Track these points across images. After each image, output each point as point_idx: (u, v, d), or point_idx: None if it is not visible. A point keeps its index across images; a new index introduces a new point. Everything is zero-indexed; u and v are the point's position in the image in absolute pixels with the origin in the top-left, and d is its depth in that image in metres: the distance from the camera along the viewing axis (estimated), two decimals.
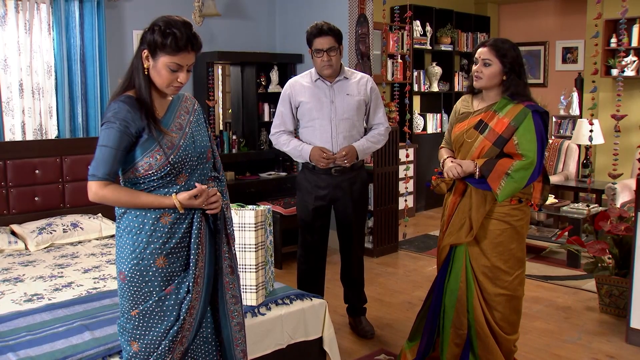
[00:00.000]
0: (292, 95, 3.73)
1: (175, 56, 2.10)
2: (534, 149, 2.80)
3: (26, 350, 2.51)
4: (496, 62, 2.85)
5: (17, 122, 4.71)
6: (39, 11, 4.70)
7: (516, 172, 2.80)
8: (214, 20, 5.81)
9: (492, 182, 2.83)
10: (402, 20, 6.44)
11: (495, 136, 2.86)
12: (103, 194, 2.09)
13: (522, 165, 2.79)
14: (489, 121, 2.89)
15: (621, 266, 4.18)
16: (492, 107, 2.92)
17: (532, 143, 2.80)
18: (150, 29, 2.12)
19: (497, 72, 2.87)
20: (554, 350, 3.69)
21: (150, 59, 2.13)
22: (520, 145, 2.81)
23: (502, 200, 2.85)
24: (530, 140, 2.80)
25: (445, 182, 3.02)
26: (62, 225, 4.37)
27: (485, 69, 2.87)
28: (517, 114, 2.83)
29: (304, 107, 3.69)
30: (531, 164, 2.79)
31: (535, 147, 2.80)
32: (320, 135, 3.65)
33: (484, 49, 2.88)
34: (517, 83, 2.87)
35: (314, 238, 3.82)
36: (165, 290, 2.15)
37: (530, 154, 2.79)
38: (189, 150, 2.19)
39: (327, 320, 3.22)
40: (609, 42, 6.91)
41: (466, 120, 3.01)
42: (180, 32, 2.09)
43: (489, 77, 2.88)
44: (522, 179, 2.80)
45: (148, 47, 2.11)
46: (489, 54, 2.86)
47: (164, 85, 2.16)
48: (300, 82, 3.74)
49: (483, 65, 2.88)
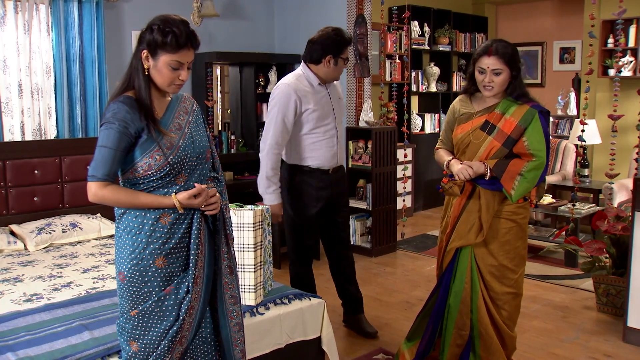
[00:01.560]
0: (298, 102, 3.48)
1: (175, 54, 2.12)
2: (543, 149, 2.83)
3: (25, 350, 2.51)
4: (505, 69, 2.84)
5: (17, 122, 4.72)
6: (38, 12, 4.71)
7: (529, 172, 2.83)
8: (212, 21, 5.83)
9: (505, 183, 2.85)
10: (400, 20, 6.46)
11: (504, 137, 2.87)
12: (103, 195, 2.09)
13: (535, 166, 2.83)
14: (496, 122, 2.89)
15: (618, 265, 4.20)
16: (496, 108, 2.92)
17: (542, 143, 2.84)
18: (149, 29, 2.13)
19: (507, 78, 2.87)
20: (552, 350, 3.71)
21: (151, 58, 2.13)
22: (531, 145, 2.84)
23: (516, 200, 2.88)
24: (539, 140, 2.84)
25: (457, 185, 3.01)
26: (61, 225, 4.37)
27: (497, 78, 2.85)
28: (524, 115, 2.85)
29: (310, 114, 3.52)
30: (542, 164, 2.83)
31: (544, 146, 2.84)
32: (326, 142, 3.60)
33: (490, 60, 2.83)
34: (521, 84, 2.90)
35: (312, 240, 3.85)
36: (165, 291, 2.15)
37: (541, 154, 2.83)
38: (188, 151, 2.19)
39: (326, 319, 3.23)
40: (606, 43, 6.93)
41: (469, 121, 2.99)
42: (179, 29, 2.10)
43: (500, 85, 2.88)
44: (534, 178, 2.84)
45: (148, 47, 2.12)
46: (499, 64, 2.83)
47: (166, 84, 2.16)
48: (302, 88, 3.52)
49: (494, 75, 2.85)
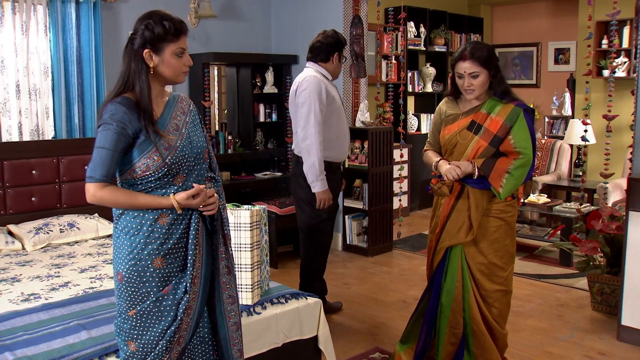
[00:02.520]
0: (326, 91, 3.85)
1: (178, 41, 2.16)
2: (529, 146, 2.88)
3: (23, 350, 2.52)
4: (483, 71, 2.88)
5: (14, 122, 4.73)
6: (35, 13, 4.72)
7: (516, 169, 2.87)
8: (209, 22, 5.84)
9: (493, 181, 2.89)
10: (396, 21, 6.49)
11: (490, 136, 2.91)
12: (101, 196, 2.09)
13: (521, 163, 2.87)
14: (482, 122, 2.93)
15: (612, 264, 4.23)
16: (482, 108, 2.96)
17: (527, 140, 2.88)
18: (145, 28, 2.13)
19: (486, 79, 2.91)
20: (547, 348, 3.74)
21: (155, 55, 2.14)
22: (517, 143, 2.88)
23: (504, 198, 2.92)
24: (525, 138, 2.88)
25: (446, 185, 3.04)
26: (58, 225, 4.38)
27: (475, 80, 2.89)
28: (510, 114, 2.89)
29: (332, 105, 3.88)
30: (529, 161, 2.88)
31: (530, 144, 2.88)
32: (343, 136, 4.02)
33: (466, 64, 2.88)
34: (502, 81, 2.94)
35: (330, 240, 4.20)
36: (163, 291, 2.16)
37: (527, 151, 2.87)
38: (186, 151, 2.20)
39: (322, 319, 3.24)
40: (601, 44, 6.98)
41: (456, 122, 3.03)
42: (172, 18, 2.16)
43: (480, 87, 2.91)
44: (521, 175, 2.88)
45: (150, 45, 2.13)
46: (475, 67, 2.87)
47: (176, 74, 2.20)
48: (324, 80, 3.91)
49: (472, 78, 2.89)
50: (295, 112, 3.90)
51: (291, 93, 3.96)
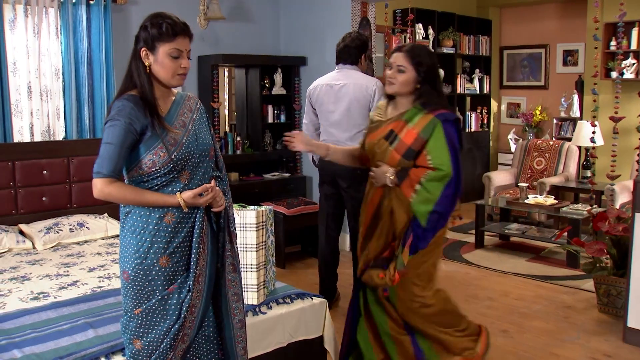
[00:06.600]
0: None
1: (173, 41, 2.16)
2: (447, 161, 2.65)
3: (31, 347, 2.55)
4: (410, 70, 2.74)
5: (26, 123, 4.79)
6: (47, 15, 4.78)
7: (429, 182, 2.66)
8: (218, 24, 5.88)
9: (405, 189, 2.71)
10: (405, 23, 6.51)
11: (404, 148, 2.72)
12: (109, 191, 2.11)
13: (436, 176, 2.65)
14: (399, 132, 2.75)
15: (619, 266, 4.22)
16: (403, 116, 2.78)
17: (444, 156, 2.65)
18: (142, 28, 2.18)
19: (411, 79, 2.76)
20: (552, 349, 3.74)
21: (150, 54, 2.17)
22: (433, 159, 2.66)
23: (418, 210, 2.69)
24: (441, 154, 2.66)
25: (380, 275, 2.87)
26: (68, 225, 4.43)
27: (399, 75, 2.75)
28: (426, 125, 2.69)
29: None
30: (446, 176, 2.64)
31: (448, 158, 2.65)
32: None
33: (399, 54, 2.77)
34: (430, 92, 2.76)
35: None
36: (168, 289, 2.18)
37: (444, 167, 2.64)
38: (192, 148, 2.22)
39: (328, 319, 3.26)
40: (609, 45, 6.95)
41: (379, 128, 2.86)
42: (171, 19, 2.17)
43: (401, 84, 2.77)
44: (435, 190, 2.65)
45: (145, 44, 2.16)
46: (404, 61, 2.74)
47: (170, 75, 2.19)
48: None
49: (397, 71, 2.76)
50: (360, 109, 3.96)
51: (355, 90, 3.93)
